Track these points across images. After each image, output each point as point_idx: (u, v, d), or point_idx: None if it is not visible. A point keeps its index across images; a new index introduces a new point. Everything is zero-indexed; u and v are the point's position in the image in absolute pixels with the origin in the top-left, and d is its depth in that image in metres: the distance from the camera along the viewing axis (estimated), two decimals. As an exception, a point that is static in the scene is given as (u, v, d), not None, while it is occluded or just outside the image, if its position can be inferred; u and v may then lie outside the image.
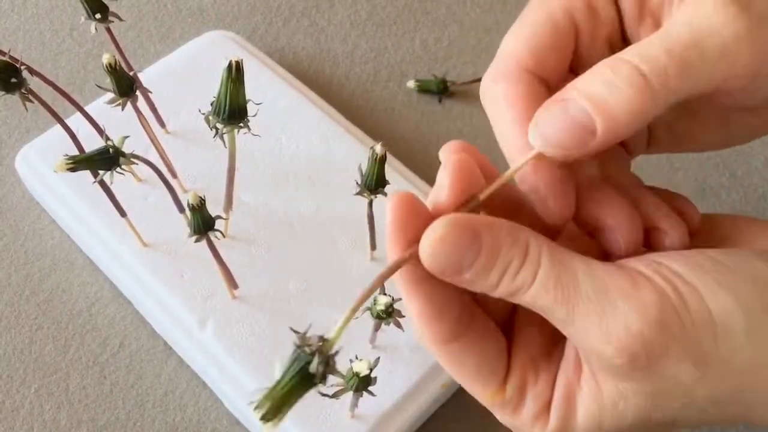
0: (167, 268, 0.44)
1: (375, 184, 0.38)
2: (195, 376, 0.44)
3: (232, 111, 0.35)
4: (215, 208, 0.40)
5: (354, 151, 0.49)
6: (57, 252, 0.48)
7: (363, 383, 0.35)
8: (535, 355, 0.28)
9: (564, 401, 0.27)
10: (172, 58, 0.53)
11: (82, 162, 0.36)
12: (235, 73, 0.34)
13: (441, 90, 0.55)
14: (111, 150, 0.37)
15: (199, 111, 0.37)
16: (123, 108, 0.40)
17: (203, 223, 0.38)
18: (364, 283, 0.44)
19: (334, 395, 0.35)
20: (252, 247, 0.46)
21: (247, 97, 0.36)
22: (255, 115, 0.37)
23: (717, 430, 0.43)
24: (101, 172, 0.37)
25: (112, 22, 0.41)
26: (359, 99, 0.55)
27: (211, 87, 0.36)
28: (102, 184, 0.41)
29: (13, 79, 0.37)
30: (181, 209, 0.43)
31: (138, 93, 0.41)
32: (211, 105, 0.36)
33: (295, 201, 0.47)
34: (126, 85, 0.40)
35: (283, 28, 0.58)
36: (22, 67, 0.37)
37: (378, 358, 0.35)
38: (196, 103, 0.50)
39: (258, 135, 0.37)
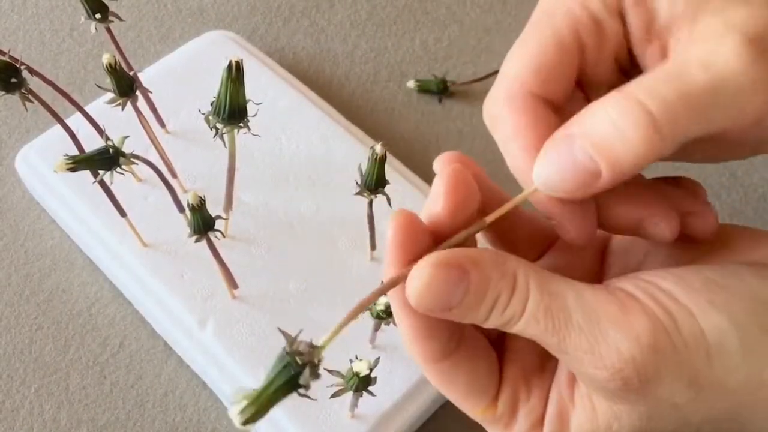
0: (167, 268, 0.44)
1: (375, 184, 0.38)
2: (195, 376, 0.44)
3: (232, 111, 0.35)
4: (215, 208, 0.40)
5: (354, 151, 0.49)
6: (57, 252, 0.48)
7: (363, 383, 0.35)
8: (527, 370, 0.28)
9: (557, 418, 0.27)
10: (172, 58, 0.53)
11: (82, 162, 0.36)
12: (235, 73, 0.34)
13: (441, 90, 0.55)
14: (111, 150, 0.37)
15: (199, 111, 0.37)
16: (123, 108, 0.40)
17: (203, 223, 0.38)
18: (364, 283, 0.44)
19: (334, 395, 0.36)
20: (252, 247, 0.46)
21: (247, 97, 0.36)
22: (255, 115, 0.37)
23: None
24: (101, 172, 0.37)
25: (112, 22, 0.41)
26: (359, 99, 0.55)
27: (211, 87, 0.36)
28: (102, 184, 0.41)
29: (13, 79, 0.37)
30: (181, 209, 0.43)
31: (138, 93, 0.41)
32: (211, 105, 0.36)
33: (295, 201, 0.47)
34: (126, 85, 0.40)
35: (283, 28, 0.58)
36: (22, 67, 0.37)
37: (378, 358, 0.35)
38: (196, 103, 0.50)
39: (258, 135, 0.37)
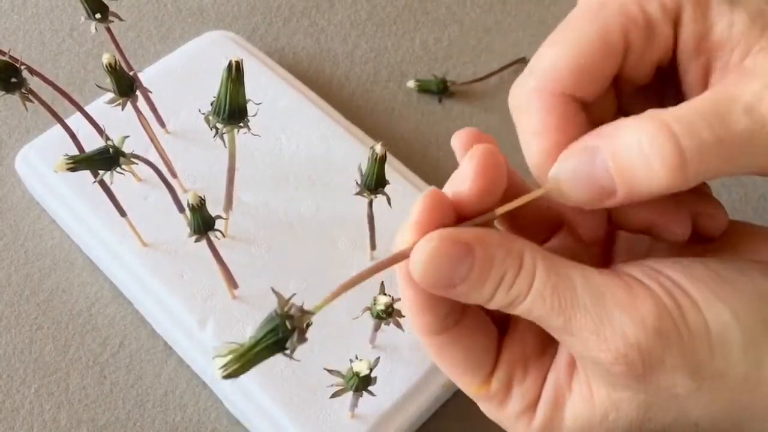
0: (167, 268, 0.44)
1: (375, 184, 0.38)
2: (195, 376, 0.44)
3: (232, 111, 0.35)
4: (215, 208, 0.40)
5: (354, 151, 0.49)
6: (57, 252, 0.48)
7: (363, 383, 0.35)
8: (527, 352, 0.28)
9: (552, 402, 0.27)
10: (172, 58, 0.53)
11: (82, 162, 0.36)
12: (235, 73, 0.34)
13: (441, 90, 0.55)
14: (111, 150, 0.37)
15: (199, 111, 0.37)
16: (123, 108, 0.40)
17: (203, 223, 0.38)
18: (364, 283, 0.43)
19: (334, 395, 0.36)
20: (252, 247, 0.46)
21: (247, 97, 0.36)
22: (255, 115, 0.37)
23: None
24: (101, 172, 0.37)
25: (112, 22, 0.41)
26: (359, 99, 0.55)
27: (211, 87, 0.36)
28: (102, 184, 0.41)
29: (13, 79, 0.37)
30: (181, 209, 0.43)
31: (138, 93, 0.41)
32: (211, 105, 0.36)
33: (295, 201, 0.47)
34: (126, 85, 0.40)
35: (283, 28, 0.58)
36: (22, 67, 0.37)
37: (378, 358, 0.35)
38: (196, 103, 0.50)
39: (258, 135, 0.37)
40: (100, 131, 0.38)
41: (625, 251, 0.30)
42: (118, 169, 0.37)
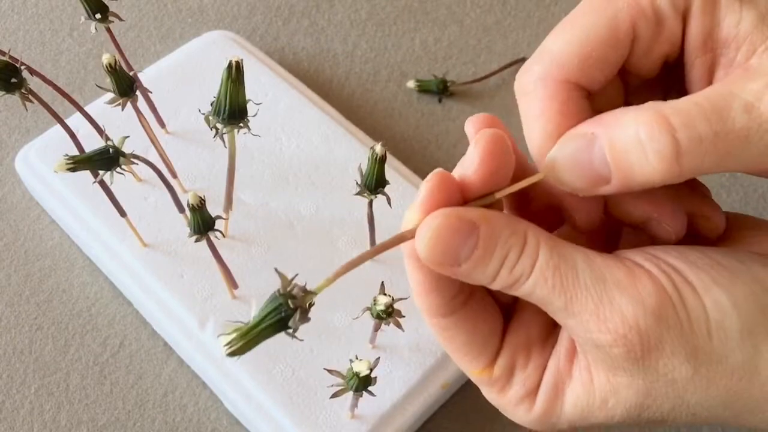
0: (167, 268, 0.44)
1: (375, 184, 0.38)
2: (195, 376, 0.44)
3: (232, 111, 0.35)
4: (215, 208, 0.40)
5: (354, 151, 0.49)
6: (57, 252, 0.48)
7: (363, 383, 0.35)
8: (531, 339, 0.28)
9: (552, 388, 0.27)
10: (172, 58, 0.53)
11: (82, 162, 0.36)
12: (235, 73, 0.34)
13: (441, 90, 0.55)
14: (111, 150, 0.37)
15: (199, 111, 0.37)
16: (123, 108, 0.40)
17: (203, 223, 0.38)
18: (364, 283, 0.43)
19: (334, 395, 0.36)
20: (252, 247, 0.46)
21: (247, 97, 0.36)
22: (255, 115, 0.37)
23: (718, 430, 0.43)
24: (101, 172, 0.37)
25: (112, 22, 0.41)
26: (359, 99, 0.55)
27: (211, 87, 0.37)
28: (102, 184, 0.41)
29: (13, 79, 0.37)
30: (181, 209, 0.43)
31: (138, 93, 0.41)
32: (211, 105, 0.36)
33: (295, 201, 0.47)
34: (126, 85, 0.40)
35: (283, 28, 0.58)
36: (22, 67, 0.37)
37: (378, 358, 0.35)
38: (196, 103, 0.50)
39: (258, 135, 0.37)
40: (100, 131, 0.38)
41: (628, 240, 0.30)
42: (118, 169, 0.37)
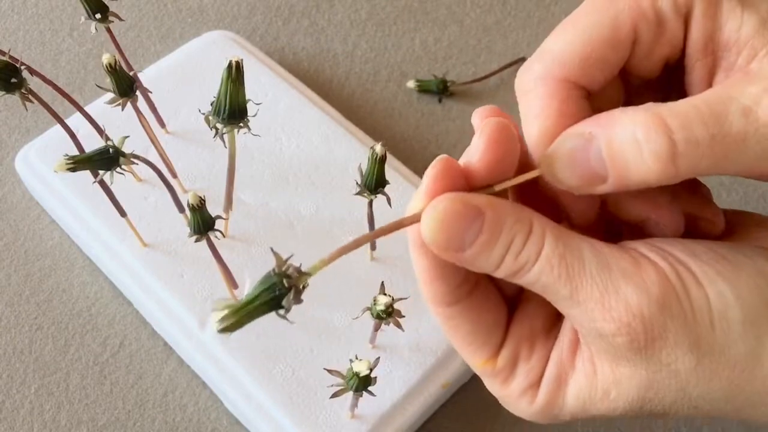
0: (167, 268, 0.44)
1: (375, 184, 0.38)
2: (195, 376, 0.44)
3: (232, 111, 0.35)
4: (215, 208, 0.40)
5: (354, 151, 0.49)
6: (57, 252, 0.48)
7: (363, 383, 0.35)
8: (534, 330, 0.28)
9: (555, 380, 0.27)
10: (172, 58, 0.53)
11: (82, 162, 0.36)
12: (235, 73, 0.34)
13: (441, 90, 0.55)
14: (111, 150, 0.37)
15: (199, 111, 0.37)
16: (123, 108, 0.40)
17: (203, 223, 0.38)
18: (364, 283, 0.43)
19: (334, 395, 0.36)
20: (252, 247, 0.46)
21: (247, 97, 0.36)
22: (255, 115, 0.37)
23: (717, 427, 0.43)
24: (101, 172, 0.37)
25: (112, 22, 0.41)
26: (359, 99, 0.55)
27: (211, 87, 0.37)
28: (102, 184, 0.41)
29: (13, 79, 0.37)
30: (181, 209, 0.43)
31: (138, 93, 0.41)
32: (211, 105, 0.36)
33: (295, 201, 0.47)
34: (126, 85, 0.40)
35: (283, 28, 0.58)
36: (22, 67, 0.37)
37: (378, 358, 0.35)
38: (196, 103, 0.50)
39: (258, 135, 0.37)
40: (100, 131, 0.38)
41: (631, 233, 0.30)
42: (118, 169, 0.37)
